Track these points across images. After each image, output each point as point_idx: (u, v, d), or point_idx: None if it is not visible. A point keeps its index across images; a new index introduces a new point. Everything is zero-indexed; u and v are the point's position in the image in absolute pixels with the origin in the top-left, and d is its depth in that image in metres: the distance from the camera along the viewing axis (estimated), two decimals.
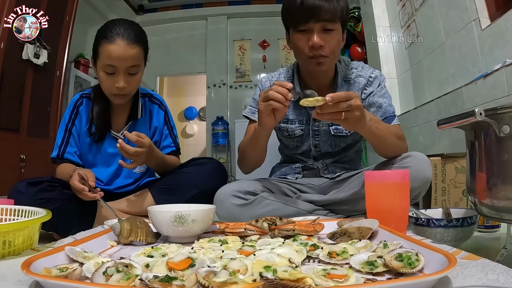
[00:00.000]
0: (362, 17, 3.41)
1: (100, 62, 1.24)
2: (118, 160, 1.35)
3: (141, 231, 0.82)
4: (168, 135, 1.47)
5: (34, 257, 0.57)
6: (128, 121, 1.40)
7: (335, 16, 1.18)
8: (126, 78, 1.25)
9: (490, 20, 1.92)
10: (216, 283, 0.47)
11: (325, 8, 1.16)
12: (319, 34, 1.18)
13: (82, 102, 1.39)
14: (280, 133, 1.42)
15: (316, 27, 1.18)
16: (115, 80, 1.24)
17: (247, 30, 5.60)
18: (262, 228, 0.84)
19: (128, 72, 1.25)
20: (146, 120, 1.44)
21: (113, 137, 1.39)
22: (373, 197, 0.92)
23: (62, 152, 1.35)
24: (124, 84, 1.24)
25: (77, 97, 1.41)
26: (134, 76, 1.27)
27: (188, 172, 1.38)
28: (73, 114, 1.38)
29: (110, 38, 1.21)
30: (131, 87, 1.28)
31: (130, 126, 1.41)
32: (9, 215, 0.89)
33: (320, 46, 1.18)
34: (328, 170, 1.39)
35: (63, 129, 1.37)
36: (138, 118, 1.41)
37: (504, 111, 0.72)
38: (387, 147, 1.18)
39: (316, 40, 1.18)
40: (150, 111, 1.45)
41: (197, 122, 6.86)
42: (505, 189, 0.72)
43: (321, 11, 1.16)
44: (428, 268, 0.54)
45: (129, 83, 1.26)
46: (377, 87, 1.31)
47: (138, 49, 1.25)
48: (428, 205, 1.46)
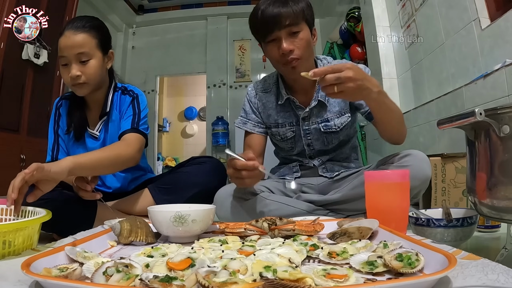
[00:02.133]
0: (362, 17, 3.41)
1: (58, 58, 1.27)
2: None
3: (141, 231, 0.82)
4: (130, 117, 1.35)
5: (34, 257, 0.57)
6: (101, 117, 1.39)
7: (297, 18, 1.20)
8: (78, 67, 1.25)
9: (490, 20, 1.92)
10: (216, 283, 0.47)
11: (284, 14, 1.18)
12: (287, 40, 1.21)
13: (61, 103, 1.42)
14: (274, 138, 1.44)
15: (282, 34, 1.21)
16: (69, 70, 1.25)
17: (247, 30, 5.46)
18: (262, 228, 0.84)
19: (79, 59, 1.25)
20: (116, 113, 1.40)
21: (91, 135, 1.39)
22: (373, 197, 0.92)
23: (55, 156, 1.37)
24: (76, 73, 1.24)
25: (57, 100, 1.44)
26: (87, 63, 1.26)
27: (187, 171, 1.38)
28: (56, 116, 1.41)
29: (63, 32, 1.24)
30: (86, 76, 1.27)
31: (104, 122, 1.39)
32: (9, 215, 0.89)
33: (290, 50, 1.21)
34: (326, 168, 1.39)
35: (52, 133, 1.40)
36: (106, 111, 1.37)
37: (504, 111, 0.72)
38: (392, 125, 1.17)
39: (284, 46, 1.20)
40: (121, 104, 1.42)
41: (197, 122, 6.86)
42: (505, 189, 0.72)
43: (282, 18, 1.19)
44: (428, 268, 0.54)
45: (83, 71, 1.26)
46: None
47: (85, 35, 1.25)
48: (428, 205, 1.46)
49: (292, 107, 1.36)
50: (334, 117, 1.34)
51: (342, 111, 1.34)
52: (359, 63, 3.51)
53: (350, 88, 0.94)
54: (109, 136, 1.39)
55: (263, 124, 1.42)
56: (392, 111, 1.12)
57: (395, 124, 1.17)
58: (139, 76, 5.38)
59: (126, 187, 1.46)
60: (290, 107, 1.36)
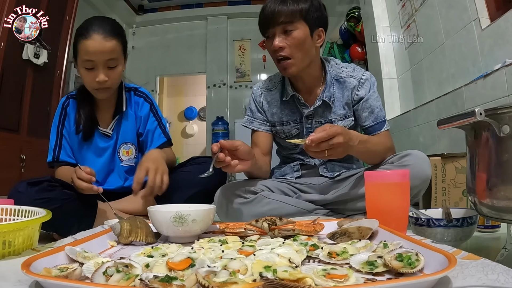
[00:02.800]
0: (362, 17, 3.41)
1: (80, 59, 1.27)
2: (107, 155, 1.40)
3: (141, 231, 0.82)
4: (158, 126, 1.46)
5: (34, 257, 0.57)
6: (114, 116, 1.42)
7: (293, 17, 1.22)
8: (105, 72, 1.26)
9: (490, 20, 1.92)
10: (216, 283, 0.47)
11: (281, 12, 1.22)
12: (279, 37, 1.24)
13: (68, 103, 1.41)
14: (278, 136, 1.43)
15: (276, 31, 1.25)
16: (95, 75, 1.26)
17: (247, 30, 5.60)
18: (262, 228, 0.84)
19: (107, 65, 1.27)
20: (131, 112, 1.45)
21: (102, 134, 1.41)
22: (373, 197, 0.92)
23: (57, 155, 1.37)
24: (104, 78, 1.26)
25: (63, 99, 1.43)
26: (114, 69, 1.29)
27: (188, 171, 1.38)
28: (62, 116, 1.40)
29: (87, 34, 1.24)
30: (112, 80, 1.29)
31: (117, 121, 1.42)
32: (9, 215, 0.89)
33: (280, 47, 1.24)
34: (327, 168, 1.39)
35: (54, 132, 1.39)
36: (123, 111, 1.42)
37: (504, 111, 0.72)
38: (373, 160, 1.28)
39: (275, 43, 1.24)
40: (135, 104, 1.46)
41: (197, 122, 6.86)
42: (505, 189, 0.72)
43: (277, 15, 1.23)
44: (428, 268, 0.54)
45: (109, 76, 1.27)
46: (369, 90, 1.33)
47: (115, 41, 1.27)
48: (428, 205, 1.46)
49: (297, 104, 1.36)
50: (338, 119, 1.34)
51: (346, 114, 1.35)
52: (359, 63, 3.51)
53: (338, 152, 1.05)
54: (121, 134, 1.42)
55: (269, 122, 1.42)
56: (372, 152, 1.23)
57: (377, 159, 1.26)
58: (139, 76, 5.37)
59: (128, 187, 1.45)
60: (295, 104, 1.37)
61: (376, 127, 1.31)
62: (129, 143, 1.43)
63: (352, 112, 1.35)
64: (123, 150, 1.42)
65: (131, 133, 1.44)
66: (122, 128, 1.42)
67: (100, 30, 1.24)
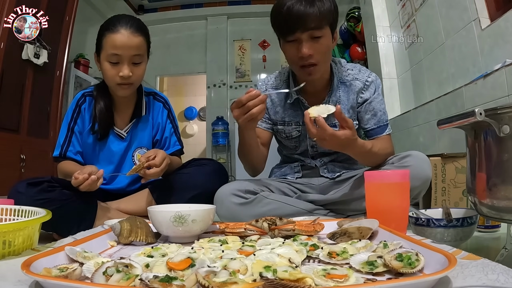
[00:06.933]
0: (362, 17, 3.41)
1: (104, 53, 1.26)
2: (119, 156, 1.39)
3: (141, 231, 0.82)
4: (174, 134, 1.49)
5: (34, 257, 0.57)
6: (132, 118, 1.41)
7: (322, 21, 1.15)
8: (130, 67, 1.26)
9: (490, 20, 1.92)
10: (216, 283, 0.47)
11: (311, 16, 1.12)
12: (307, 43, 1.16)
13: (84, 100, 1.39)
14: (278, 135, 1.43)
15: (303, 37, 1.16)
16: (119, 69, 1.26)
17: (247, 30, 5.60)
18: (262, 228, 0.84)
19: (132, 61, 1.27)
20: (149, 118, 1.44)
21: (117, 135, 1.40)
22: (373, 197, 0.92)
23: (64, 151, 1.35)
24: (128, 73, 1.25)
25: (79, 96, 1.40)
26: (138, 66, 1.29)
27: (188, 172, 1.38)
28: (76, 113, 1.38)
29: (114, 28, 1.24)
30: (135, 77, 1.29)
31: (134, 124, 1.41)
32: (9, 215, 0.89)
33: (310, 55, 1.17)
34: (328, 169, 1.39)
35: (65, 128, 1.37)
36: (142, 115, 1.41)
37: (504, 111, 0.72)
38: (371, 163, 1.27)
39: (304, 50, 1.16)
40: (154, 109, 1.46)
41: (197, 122, 6.86)
42: (505, 189, 0.72)
43: (307, 19, 1.13)
44: (428, 268, 0.54)
45: (134, 72, 1.27)
46: (374, 93, 1.32)
47: (141, 38, 1.27)
48: (428, 205, 1.46)
49: (301, 107, 1.35)
50: None
51: (350, 118, 1.33)
52: (359, 63, 3.51)
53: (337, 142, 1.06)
54: (137, 138, 1.42)
55: (270, 120, 1.41)
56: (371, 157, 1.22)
57: (375, 163, 1.26)
58: None
59: (128, 187, 1.45)
60: (299, 106, 1.35)
61: (378, 130, 1.30)
62: (144, 148, 1.43)
63: (356, 115, 1.34)
64: (137, 154, 1.41)
65: (147, 138, 1.44)
66: (139, 132, 1.42)
67: (128, 25, 1.25)
